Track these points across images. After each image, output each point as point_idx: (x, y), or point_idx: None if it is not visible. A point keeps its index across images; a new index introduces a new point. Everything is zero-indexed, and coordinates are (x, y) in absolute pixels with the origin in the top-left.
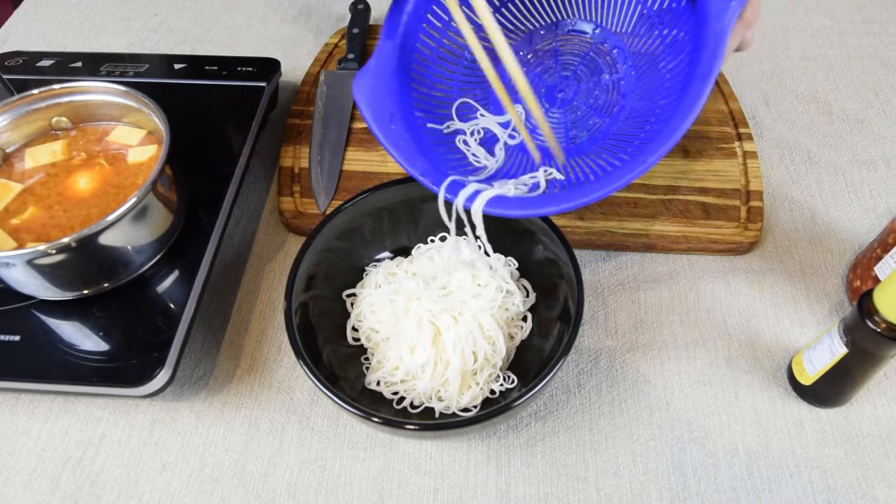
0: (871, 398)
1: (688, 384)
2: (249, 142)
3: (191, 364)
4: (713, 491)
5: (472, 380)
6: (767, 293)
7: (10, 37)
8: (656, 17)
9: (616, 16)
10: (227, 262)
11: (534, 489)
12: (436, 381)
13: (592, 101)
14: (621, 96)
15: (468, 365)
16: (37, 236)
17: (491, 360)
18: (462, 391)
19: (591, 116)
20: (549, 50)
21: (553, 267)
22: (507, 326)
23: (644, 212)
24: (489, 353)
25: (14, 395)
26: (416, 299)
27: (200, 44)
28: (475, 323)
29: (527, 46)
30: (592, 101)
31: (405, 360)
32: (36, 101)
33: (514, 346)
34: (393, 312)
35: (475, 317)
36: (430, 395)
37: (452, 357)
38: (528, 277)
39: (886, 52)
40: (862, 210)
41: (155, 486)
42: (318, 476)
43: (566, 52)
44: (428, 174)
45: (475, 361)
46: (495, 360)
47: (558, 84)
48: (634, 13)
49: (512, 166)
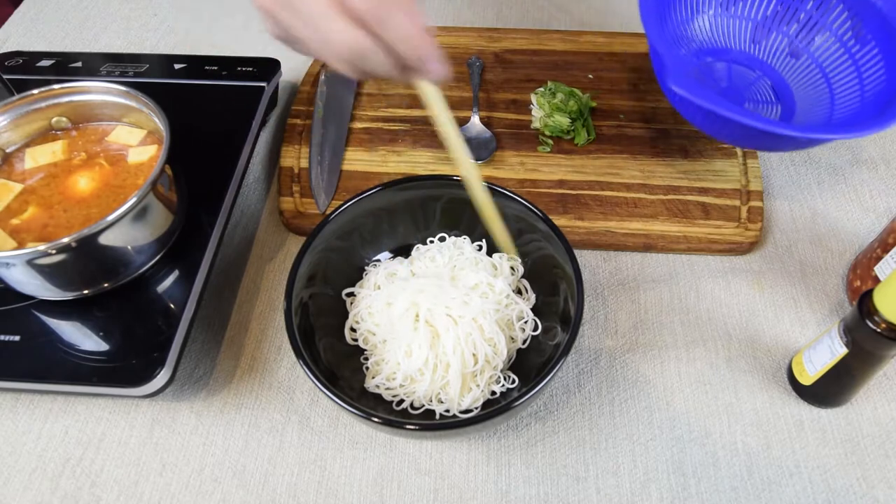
0: (871, 398)
1: (688, 384)
2: (249, 142)
3: (191, 364)
4: (713, 491)
5: (472, 382)
6: (767, 293)
7: (10, 37)
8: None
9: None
10: (227, 262)
11: (534, 489)
12: (436, 384)
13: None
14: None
15: (468, 367)
16: (37, 236)
17: (492, 363)
18: (463, 393)
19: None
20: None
21: (553, 267)
22: (507, 329)
23: (644, 212)
24: (490, 356)
25: (14, 395)
26: (414, 304)
27: (200, 44)
28: (475, 325)
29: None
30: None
31: (402, 363)
32: (36, 101)
33: (516, 348)
34: (389, 316)
35: (476, 319)
36: (431, 397)
37: (452, 359)
38: (528, 277)
39: None
40: (862, 210)
41: (155, 486)
42: (318, 476)
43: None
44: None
45: (476, 363)
46: (496, 363)
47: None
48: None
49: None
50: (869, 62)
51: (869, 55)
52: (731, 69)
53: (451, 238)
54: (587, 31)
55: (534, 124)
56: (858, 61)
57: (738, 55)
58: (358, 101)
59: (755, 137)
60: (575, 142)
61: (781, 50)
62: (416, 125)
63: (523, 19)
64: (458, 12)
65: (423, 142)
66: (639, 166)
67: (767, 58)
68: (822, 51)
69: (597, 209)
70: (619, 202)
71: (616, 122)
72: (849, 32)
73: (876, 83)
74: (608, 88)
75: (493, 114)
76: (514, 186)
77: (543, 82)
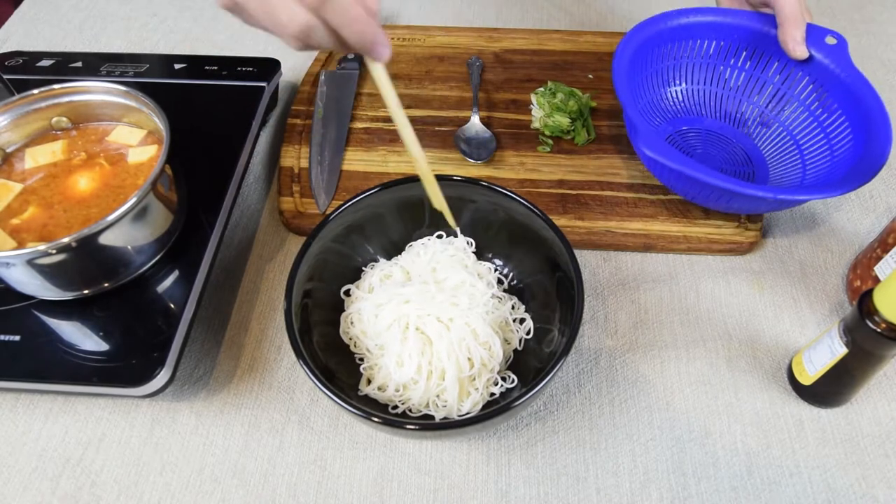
0: (871, 398)
1: (688, 384)
2: (249, 142)
3: (191, 364)
4: (713, 491)
5: (471, 386)
6: (767, 293)
7: (10, 37)
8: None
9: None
10: (227, 262)
11: (534, 489)
12: (430, 391)
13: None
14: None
15: (464, 371)
16: (37, 236)
17: (488, 365)
18: (462, 398)
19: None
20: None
21: (553, 267)
22: (502, 331)
23: (644, 212)
24: (486, 359)
25: (14, 395)
26: (401, 314)
27: (200, 44)
28: (468, 329)
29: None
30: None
31: (394, 374)
32: (36, 101)
33: (512, 350)
34: (377, 325)
35: (468, 323)
36: (428, 403)
37: (448, 365)
38: (529, 278)
39: (886, 52)
40: (862, 210)
41: (155, 486)
42: (318, 476)
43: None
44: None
45: (472, 367)
46: (493, 365)
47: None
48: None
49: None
50: (836, 128)
51: (836, 122)
52: (705, 137)
53: (445, 237)
54: (587, 31)
55: (534, 124)
56: (826, 128)
57: (712, 123)
58: (358, 101)
59: (723, 197)
60: (575, 142)
61: (753, 119)
62: (416, 125)
63: (523, 19)
64: (458, 12)
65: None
66: (639, 166)
67: (740, 126)
68: (791, 120)
69: (597, 209)
70: (619, 202)
71: (616, 122)
72: (816, 102)
73: (844, 146)
74: (608, 88)
75: (493, 114)
76: (514, 186)
77: (543, 82)
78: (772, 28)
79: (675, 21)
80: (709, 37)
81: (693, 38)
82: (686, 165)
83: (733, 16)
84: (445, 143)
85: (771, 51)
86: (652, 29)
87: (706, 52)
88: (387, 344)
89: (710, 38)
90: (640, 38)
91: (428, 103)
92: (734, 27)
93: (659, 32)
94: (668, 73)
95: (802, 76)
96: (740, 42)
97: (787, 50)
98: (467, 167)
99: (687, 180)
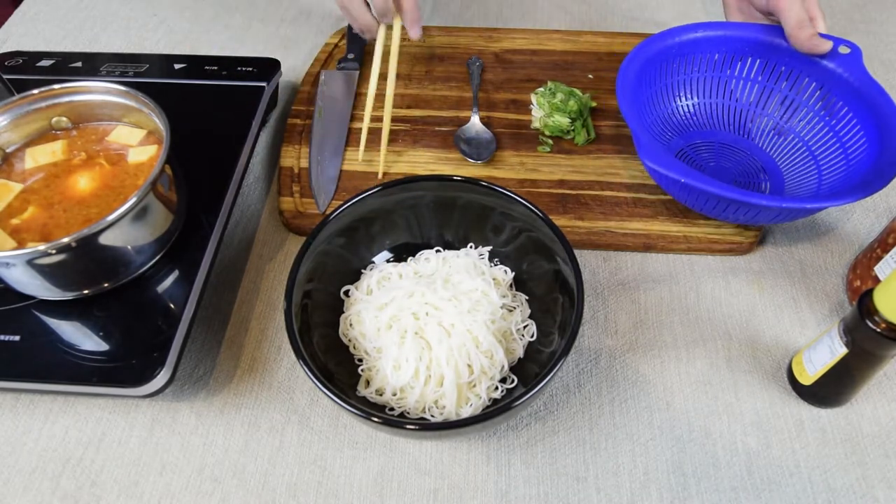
0: (871, 398)
1: (688, 384)
2: (249, 142)
3: (191, 364)
4: (713, 491)
5: (470, 392)
6: (767, 293)
7: (10, 37)
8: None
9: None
10: (227, 262)
11: (534, 489)
12: (427, 396)
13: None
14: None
15: (463, 378)
16: (37, 236)
17: (489, 373)
18: (460, 404)
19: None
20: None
21: (553, 267)
22: (505, 340)
23: (644, 212)
24: (486, 367)
25: (14, 395)
26: (396, 317)
27: (200, 44)
28: (469, 336)
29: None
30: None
31: (391, 378)
32: (36, 101)
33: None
34: (376, 327)
35: (470, 330)
36: (424, 407)
37: (446, 370)
38: (528, 278)
39: (886, 52)
40: (862, 210)
41: (155, 486)
42: (318, 476)
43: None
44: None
45: (471, 374)
46: (493, 373)
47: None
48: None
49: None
50: (849, 132)
51: (848, 125)
52: (718, 150)
53: (463, 250)
54: (587, 31)
55: (534, 124)
56: (839, 132)
57: (726, 136)
58: (358, 101)
59: (730, 208)
60: (575, 142)
61: (768, 131)
62: (416, 125)
63: (523, 19)
64: (458, 12)
65: (423, 142)
66: (639, 166)
67: (755, 139)
68: (803, 126)
69: (597, 209)
70: (619, 202)
71: (616, 122)
72: (824, 109)
73: (859, 151)
74: (608, 88)
75: (493, 114)
76: (514, 186)
77: (543, 82)
78: (781, 39)
79: (684, 36)
80: (719, 50)
81: (703, 53)
82: (691, 178)
83: (742, 29)
84: (445, 143)
85: (782, 62)
86: (661, 44)
87: (716, 65)
88: (385, 347)
89: (720, 52)
90: (650, 53)
91: (428, 103)
92: (744, 40)
93: (668, 47)
94: (679, 88)
95: (809, 81)
96: (751, 55)
97: (805, 50)
98: (467, 167)
99: (695, 193)
